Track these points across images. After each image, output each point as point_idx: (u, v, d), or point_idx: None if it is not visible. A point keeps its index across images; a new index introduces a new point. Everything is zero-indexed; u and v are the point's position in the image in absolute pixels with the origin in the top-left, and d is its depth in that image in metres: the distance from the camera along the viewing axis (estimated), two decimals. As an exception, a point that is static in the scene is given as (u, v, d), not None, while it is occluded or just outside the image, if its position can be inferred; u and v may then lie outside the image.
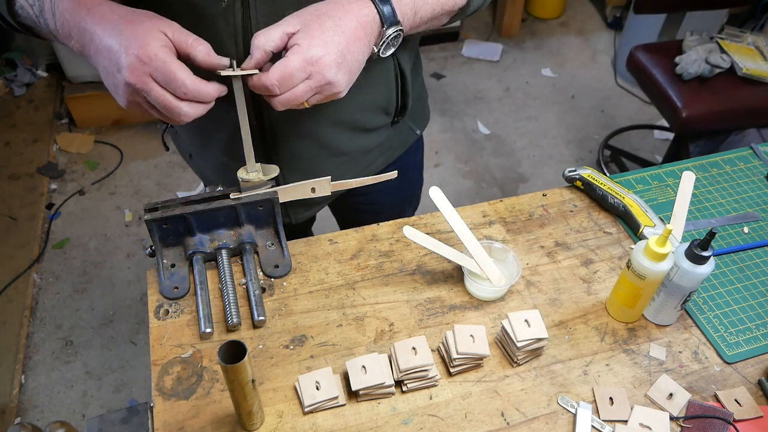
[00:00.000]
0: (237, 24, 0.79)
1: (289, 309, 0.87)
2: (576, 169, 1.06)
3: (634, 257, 0.81)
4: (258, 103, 0.87)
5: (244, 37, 0.80)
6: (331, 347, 0.83)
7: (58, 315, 2.05)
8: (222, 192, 0.88)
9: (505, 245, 0.92)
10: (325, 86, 0.73)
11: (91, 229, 2.31)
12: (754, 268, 0.97)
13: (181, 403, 0.77)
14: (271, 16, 0.78)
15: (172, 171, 2.55)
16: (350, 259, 0.94)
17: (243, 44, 0.80)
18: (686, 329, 0.88)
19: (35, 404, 1.83)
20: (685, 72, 1.99)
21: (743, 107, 1.97)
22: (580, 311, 0.89)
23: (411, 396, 0.79)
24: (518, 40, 3.27)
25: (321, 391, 0.76)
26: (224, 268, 0.88)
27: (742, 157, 1.16)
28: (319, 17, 0.72)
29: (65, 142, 2.61)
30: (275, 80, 0.71)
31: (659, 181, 1.09)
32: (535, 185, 2.52)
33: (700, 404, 0.79)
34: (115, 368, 1.92)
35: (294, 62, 0.70)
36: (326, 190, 0.89)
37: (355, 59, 0.74)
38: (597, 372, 0.83)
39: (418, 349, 0.78)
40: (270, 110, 0.87)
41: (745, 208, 1.06)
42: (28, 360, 1.93)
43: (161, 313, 0.86)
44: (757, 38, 2.11)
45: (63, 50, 2.48)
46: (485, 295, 0.90)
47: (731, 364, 0.85)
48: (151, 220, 0.85)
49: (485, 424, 0.77)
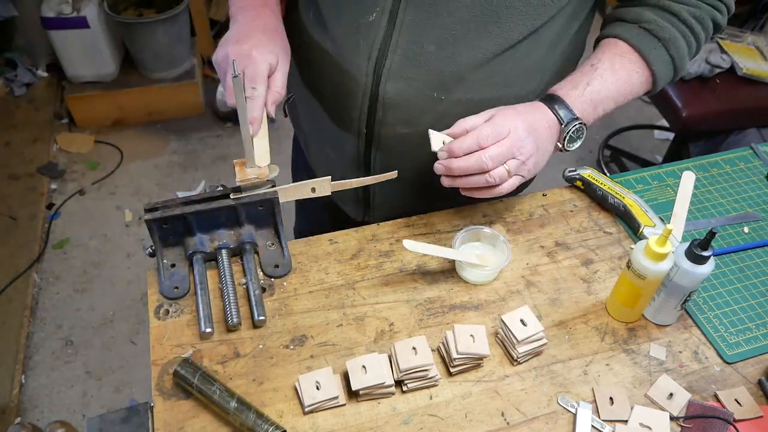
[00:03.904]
0: (377, 40, 0.83)
1: (289, 309, 0.87)
2: (576, 169, 1.06)
3: (634, 257, 0.81)
4: (374, 116, 0.90)
5: (379, 54, 0.84)
6: (331, 347, 0.83)
7: (58, 315, 2.05)
8: (222, 192, 0.88)
9: (494, 230, 0.93)
10: (517, 145, 0.79)
11: (91, 229, 2.31)
12: (754, 268, 0.97)
13: (181, 403, 0.77)
14: (410, 45, 0.83)
15: (172, 171, 2.55)
16: (350, 259, 0.94)
17: (375, 61, 0.85)
18: (686, 329, 0.88)
19: (35, 404, 1.83)
20: (685, 72, 1.99)
21: (743, 107, 1.97)
22: (580, 311, 0.90)
23: (411, 396, 0.79)
24: (518, 40, 3.26)
25: (321, 391, 0.76)
26: (224, 268, 0.88)
27: (742, 157, 1.16)
28: (506, 109, 0.82)
29: (65, 142, 2.61)
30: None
31: (659, 181, 1.09)
32: (535, 185, 2.51)
33: (700, 404, 0.79)
34: (115, 368, 1.92)
35: (485, 129, 0.79)
36: (326, 190, 0.89)
37: (542, 139, 0.83)
38: (597, 372, 0.83)
39: (418, 349, 0.78)
40: (383, 127, 0.90)
41: (745, 208, 1.06)
42: (28, 360, 1.93)
43: (161, 313, 0.86)
44: (757, 38, 2.11)
45: (63, 50, 2.49)
46: (477, 279, 0.91)
47: (731, 364, 0.85)
48: (151, 220, 0.85)
49: (485, 424, 0.77)
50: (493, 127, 0.79)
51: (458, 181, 0.82)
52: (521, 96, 0.90)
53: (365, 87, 0.87)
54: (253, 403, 0.75)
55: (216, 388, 0.75)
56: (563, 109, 0.84)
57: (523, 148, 0.80)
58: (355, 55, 0.86)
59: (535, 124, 0.82)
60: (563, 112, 0.83)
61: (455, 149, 0.79)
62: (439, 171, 0.82)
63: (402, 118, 0.89)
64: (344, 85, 0.89)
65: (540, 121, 0.82)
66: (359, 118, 0.91)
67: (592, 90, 0.85)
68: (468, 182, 0.81)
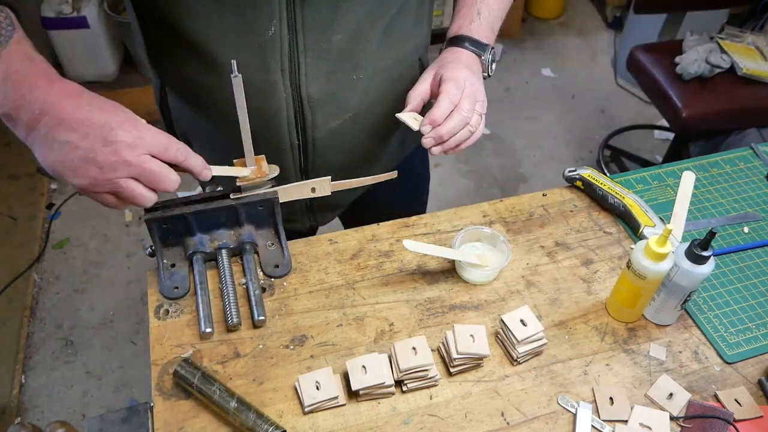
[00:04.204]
0: (284, 50, 0.82)
1: (289, 309, 0.87)
2: (576, 169, 1.06)
3: (634, 257, 0.81)
4: (303, 122, 0.89)
5: (290, 65, 0.83)
6: (331, 347, 0.83)
7: (58, 315, 2.05)
8: (222, 192, 0.88)
9: (494, 230, 0.93)
10: (474, 89, 0.85)
11: (91, 229, 2.31)
12: (754, 268, 0.97)
13: (181, 403, 0.77)
14: (317, 43, 0.82)
15: (172, 171, 2.55)
16: (350, 259, 0.94)
17: (289, 72, 0.84)
18: (686, 329, 0.88)
19: (35, 404, 1.83)
20: (685, 72, 1.99)
21: (743, 107, 1.97)
22: (580, 311, 0.90)
23: (411, 396, 0.79)
24: (518, 40, 3.26)
25: (321, 391, 0.76)
26: (224, 268, 0.88)
27: (742, 157, 1.16)
28: (446, 62, 0.87)
29: (65, 142, 2.61)
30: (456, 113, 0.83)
31: (659, 181, 1.09)
32: (536, 185, 2.52)
33: (700, 404, 0.79)
34: (115, 368, 1.92)
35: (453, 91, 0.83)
36: (326, 190, 0.89)
37: (478, 75, 0.89)
38: (597, 372, 0.83)
39: (418, 349, 0.78)
40: (315, 129, 0.90)
41: (745, 208, 1.06)
42: (28, 360, 1.93)
43: (161, 313, 0.86)
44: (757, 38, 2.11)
45: (63, 50, 2.48)
46: (477, 279, 0.91)
47: (731, 364, 0.85)
48: (151, 220, 0.85)
49: (485, 424, 0.77)
50: (455, 84, 0.84)
51: (447, 144, 0.85)
52: (419, 45, 0.97)
53: (287, 101, 0.86)
54: (253, 403, 0.75)
55: (216, 388, 0.75)
56: (474, 44, 0.91)
57: (479, 91, 0.87)
58: (267, 74, 0.83)
59: (470, 65, 0.88)
60: (476, 47, 0.91)
61: (437, 118, 0.82)
62: (429, 144, 0.84)
63: (330, 112, 0.90)
64: (265, 108, 0.86)
65: (469, 60, 0.89)
66: (289, 132, 0.90)
67: (485, 17, 0.93)
68: (455, 140, 0.85)
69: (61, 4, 2.39)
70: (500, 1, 0.96)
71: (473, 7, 0.93)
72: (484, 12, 0.93)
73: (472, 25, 0.92)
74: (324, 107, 0.89)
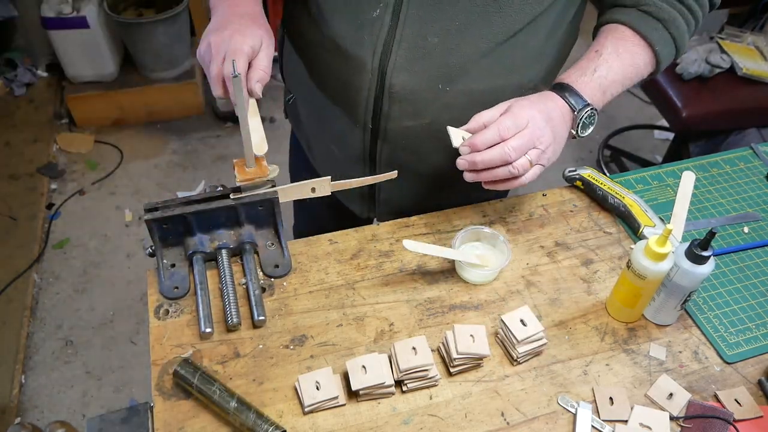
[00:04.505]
0: (382, 35, 0.84)
1: (289, 309, 0.87)
2: (576, 169, 1.06)
3: (634, 257, 0.81)
4: (380, 110, 0.90)
5: (384, 48, 0.85)
6: (331, 347, 0.83)
7: (58, 315, 2.05)
8: (222, 192, 0.88)
9: (494, 230, 0.93)
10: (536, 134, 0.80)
11: (91, 229, 2.31)
12: (754, 268, 0.97)
13: (181, 403, 0.77)
14: (414, 38, 0.84)
15: (172, 171, 2.55)
16: (350, 259, 0.94)
17: (381, 55, 0.85)
18: (686, 329, 0.88)
19: (35, 404, 1.83)
20: (685, 72, 1.99)
21: (743, 107, 1.97)
22: (580, 311, 0.89)
23: (411, 396, 0.79)
24: (518, 40, 3.26)
25: (321, 391, 0.76)
26: (224, 268, 0.88)
27: (742, 157, 1.16)
28: (521, 100, 0.83)
29: (65, 142, 2.61)
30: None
31: (659, 181, 1.09)
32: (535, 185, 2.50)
33: (700, 404, 0.79)
34: (115, 368, 1.92)
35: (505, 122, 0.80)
36: (326, 190, 0.89)
37: (558, 127, 0.84)
38: (597, 372, 0.83)
39: (418, 349, 0.78)
40: (389, 121, 0.91)
41: (745, 208, 1.06)
42: (28, 360, 1.93)
43: (161, 313, 0.86)
44: (757, 38, 2.11)
45: (63, 50, 2.48)
46: (477, 279, 0.91)
47: (731, 364, 0.85)
48: (151, 220, 0.85)
49: (485, 424, 0.77)
50: (513, 119, 0.80)
51: (482, 175, 0.82)
52: (523, 83, 0.91)
53: (371, 82, 0.88)
54: (253, 403, 0.75)
55: (216, 388, 0.75)
56: (574, 96, 0.85)
57: (543, 138, 0.81)
58: (360, 50, 0.86)
59: (551, 113, 0.83)
60: (574, 100, 0.85)
61: (477, 143, 0.80)
62: (461, 166, 0.82)
63: (408, 111, 0.90)
64: (350, 80, 0.90)
65: (554, 110, 0.84)
66: (365, 113, 0.91)
67: (600, 75, 0.87)
68: (491, 175, 0.82)
69: (61, 4, 2.39)
70: (625, 67, 0.88)
71: (592, 62, 0.87)
72: (602, 71, 0.87)
73: (582, 78, 0.87)
74: (403, 103, 0.89)
